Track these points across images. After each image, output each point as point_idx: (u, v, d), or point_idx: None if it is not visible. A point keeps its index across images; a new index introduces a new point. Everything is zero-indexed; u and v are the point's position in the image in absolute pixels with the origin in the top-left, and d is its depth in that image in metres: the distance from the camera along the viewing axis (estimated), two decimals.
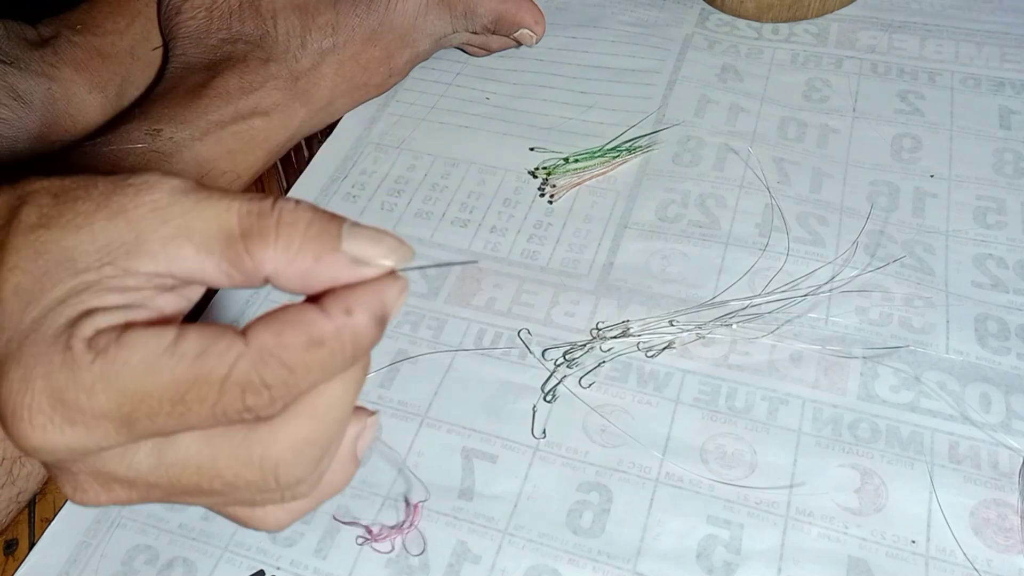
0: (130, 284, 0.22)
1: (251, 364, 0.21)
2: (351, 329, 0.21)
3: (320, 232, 0.22)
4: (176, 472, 0.22)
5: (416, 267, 0.23)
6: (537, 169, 0.50)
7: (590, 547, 0.35)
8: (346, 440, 0.25)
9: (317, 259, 0.21)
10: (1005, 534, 0.35)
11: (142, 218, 0.22)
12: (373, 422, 0.26)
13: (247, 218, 0.22)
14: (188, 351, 0.21)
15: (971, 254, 0.44)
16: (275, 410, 0.21)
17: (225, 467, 0.22)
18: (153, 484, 0.23)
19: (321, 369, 0.21)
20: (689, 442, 0.38)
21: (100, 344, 0.21)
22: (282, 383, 0.21)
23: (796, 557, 0.34)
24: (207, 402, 0.21)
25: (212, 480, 0.22)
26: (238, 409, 0.21)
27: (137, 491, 0.23)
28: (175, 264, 0.22)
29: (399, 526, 0.35)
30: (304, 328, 0.21)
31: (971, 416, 0.38)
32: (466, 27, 0.53)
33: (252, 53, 0.48)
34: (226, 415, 0.21)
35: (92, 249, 0.22)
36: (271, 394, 0.21)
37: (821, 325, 0.42)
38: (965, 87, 0.53)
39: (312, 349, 0.21)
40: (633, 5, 0.61)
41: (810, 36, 0.57)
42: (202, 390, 0.21)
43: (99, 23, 0.51)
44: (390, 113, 0.55)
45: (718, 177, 0.49)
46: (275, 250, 0.21)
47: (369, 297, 0.22)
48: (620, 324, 0.42)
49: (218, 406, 0.21)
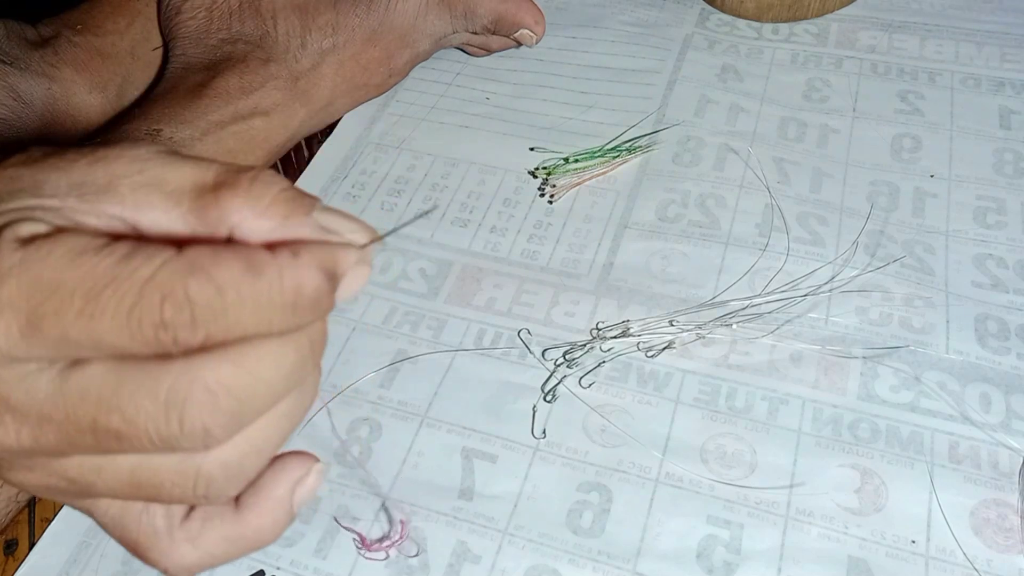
0: (90, 222, 0.21)
1: (177, 271, 0.19)
2: (294, 272, 0.20)
3: (293, 197, 0.21)
4: (74, 400, 0.20)
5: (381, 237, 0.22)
6: (537, 169, 0.50)
7: (590, 547, 0.35)
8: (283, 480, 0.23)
9: (285, 218, 0.21)
10: (1005, 534, 0.35)
11: (120, 165, 0.21)
12: (319, 470, 0.24)
13: (224, 173, 0.21)
14: (116, 250, 0.20)
15: (971, 254, 0.44)
16: (195, 337, 0.20)
17: (127, 398, 0.20)
18: (47, 416, 0.21)
19: (254, 307, 0.20)
20: (689, 442, 0.38)
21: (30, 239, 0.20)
22: (207, 304, 0.19)
23: (796, 557, 0.34)
24: (123, 305, 0.19)
25: (110, 414, 0.20)
26: (154, 322, 0.19)
27: (28, 426, 0.21)
28: (141, 211, 0.21)
29: (388, 540, 0.35)
30: (245, 255, 0.20)
31: (971, 416, 0.38)
32: (466, 27, 0.53)
33: (252, 53, 0.48)
34: (140, 328, 0.19)
35: (63, 183, 0.21)
36: (193, 313, 0.19)
37: (821, 325, 0.42)
38: (965, 87, 0.53)
39: (247, 277, 0.20)
40: (633, 5, 0.61)
41: (810, 36, 0.57)
42: (120, 288, 0.19)
43: (99, 23, 0.51)
44: (390, 113, 0.55)
45: (718, 177, 0.49)
46: (245, 200, 0.21)
47: (322, 250, 0.21)
48: (620, 324, 0.42)
49: (133, 313, 0.19)
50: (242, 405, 0.21)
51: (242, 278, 0.20)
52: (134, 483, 0.22)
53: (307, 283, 0.20)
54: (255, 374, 0.21)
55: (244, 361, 0.20)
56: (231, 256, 0.20)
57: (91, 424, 0.20)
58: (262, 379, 0.21)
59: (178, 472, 0.22)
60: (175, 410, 0.20)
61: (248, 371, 0.20)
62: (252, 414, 0.21)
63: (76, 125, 0.49)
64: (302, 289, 0.20)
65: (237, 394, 0.20)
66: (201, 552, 0.23)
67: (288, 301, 0.20)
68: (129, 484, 0.22)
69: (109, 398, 0.20)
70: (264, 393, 0.21)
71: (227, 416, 0.20)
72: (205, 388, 0.20)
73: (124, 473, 0.22)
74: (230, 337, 0.20)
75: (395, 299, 0.44)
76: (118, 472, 0.22)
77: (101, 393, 0.20)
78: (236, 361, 0.20)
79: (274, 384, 0.21)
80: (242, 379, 0.20)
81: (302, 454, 0.24)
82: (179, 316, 0.19)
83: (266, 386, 0.21)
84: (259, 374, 0.21)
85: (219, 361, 0.20)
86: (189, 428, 0.20)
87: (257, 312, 0.20)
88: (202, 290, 0.19)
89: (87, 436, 0.21)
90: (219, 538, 0.23)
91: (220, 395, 0.20)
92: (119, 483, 0.22)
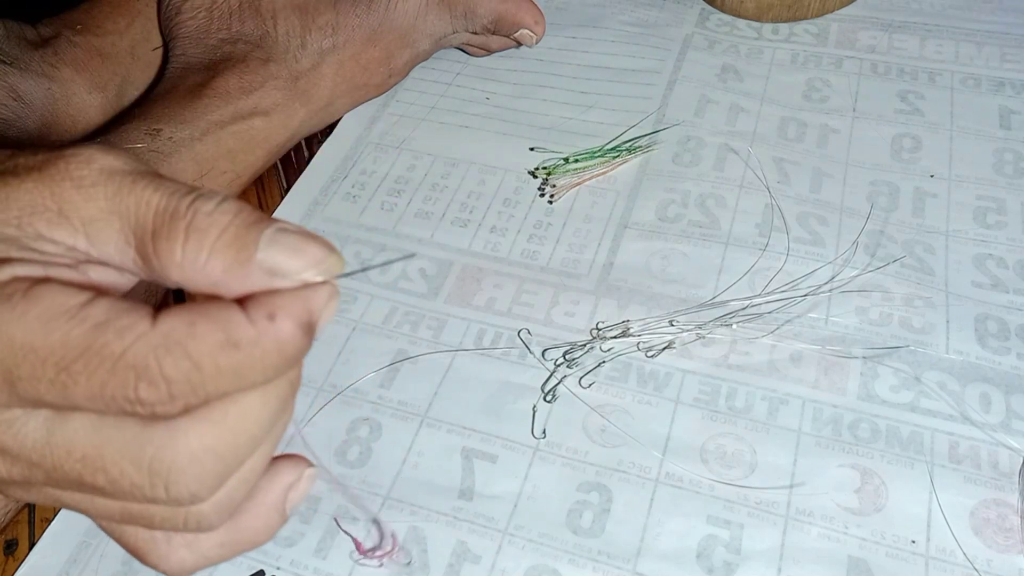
0: (49, 249, 0.20)
1: (151, 348, 0.19)
2: (274, 337, 0.19)
3: (234, 239, 0.20)
4: (60, 455, 0.20)
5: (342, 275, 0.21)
6: (537, 169, 0.50)
7: (590, 547, 0.35)
8: (276, 487, 0.23)
9: (225, 271, 0.20)
10: (1005, 534, 0.35)
11: (65, 191, 0.21)
12: (311, 475, 0.24)
13: (160, 216, 0.20)
14: (89, 317, 0.19)
15: (971, 254, 0.44)
16: (174, 409, 0.19)
17: (111, 462, 0.20)
18: (36, 463, 0.20)
19: (234, 375, 0.19)
20: (689, 442, 0.38)
21: (7, 291, 0.19)
22: (185, 379, 0.19)
23: (796, 557, 0.34)
24: (94, 380, 0.19)
25: (95, 474, 0.20)
26: (129, 398, 0.19)
27: (18, 467, 0.21)
28: (95, 246, 0.21)
29: (381, 550, 0.35)
30: (222, 325, 0.19)
31: (971, 416, 0.38)
32: (466, 27, 0.53)
33: (252, 53, 0.48)
34: (115, 401, 0.19)
35: (15, 206, 0.21)
36: (170, 389, 0.19)
37: (821, 325, 0.42)
38: (965, 87, 0.53)
39: (226, 350, 0.19)
40: (633, 5, 0.61)
41: (810, 36, 0.57)
42: (91, 364, 0.19)
43: (99, 23, 0.51)
44: (390, 113, 0.55)
45: (718, 177, 0.49)
46: (182, 256, 0.20)
47: (295, 303, 0.20)
48: (620, 324, 0.42)
49: (107, 388, 0.19)
50: (228, 464, 0.20)
51: (220, 351, 0.19)
52: (126, 516, 0.22)
53: (288, 343, 0.20)
54: (239, 430, 0.20)
55: (227, 420, 0.20)
56: (208, 328, 0.19)
57: (77, 479, 0.20)
58: (246, 433, 0.21)
59: (168, 514, 0.22)
60: (160, 479, 0.20)
61: (232, 429, 0.20)
62: (238, 465, 0.21)
63: (76, 125, 0.49)
64: (284, 350, 0.20)
65: (223, 454, 0.20)
66: (197, 556, 0.23)
67: (270, 366, 0.20)
68: (121, 516, 0.22)
69: (93, 459, 0.20)
70: (249, 444, 0.21)
71: (213, 478, 0.20)
72: (190, 456, 0.20)
73: (115, 508, 0.22)
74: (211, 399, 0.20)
75: (395, 299, 0.44)
76: (109, 507, 0.22)
77: (85, 453, 0.20)
78: (219, 422, 0.20)
79: (258, 434, 0.21)
80: (227, 439, 0.20)
81: (294, 458, 0.24)
82: (155, 393, 0.19)
83: (250, 438, 0.21)
84: (243, 429, 0.20)
85: (202, 424, 0.20)
86: (175, 494, 0.20)
87: (237, 378, 0.20)
88: (179, 367, 0.19)
89: (75, 486, 0.21)
90: (214, 543, 0.23)
91: (206, 460, 0.20)
92: (112, 514, 0.22)
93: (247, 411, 0.20)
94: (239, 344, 0.19)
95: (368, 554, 0.35)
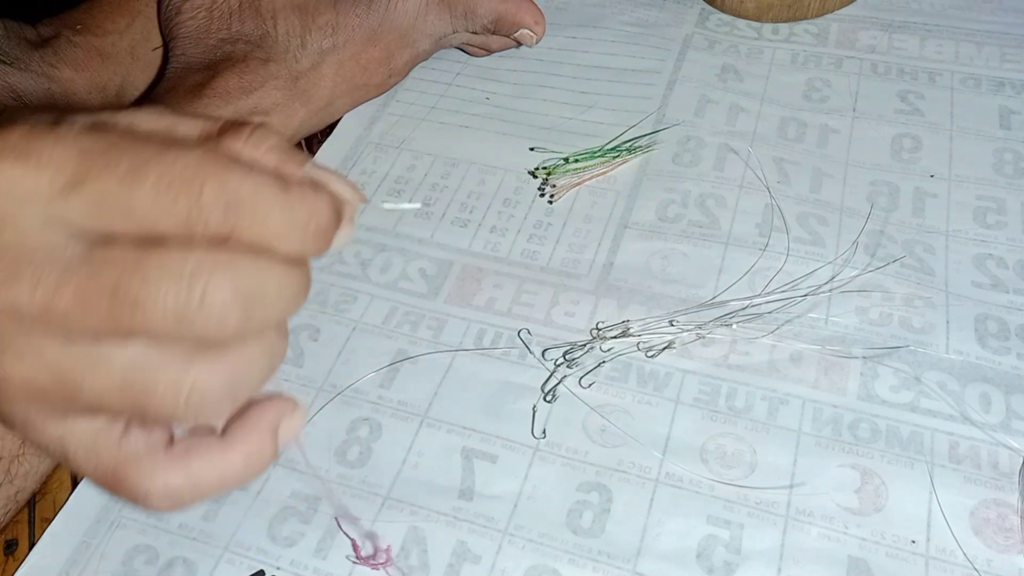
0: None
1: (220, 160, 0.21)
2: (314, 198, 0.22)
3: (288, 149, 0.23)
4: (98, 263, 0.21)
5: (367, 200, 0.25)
6: (537, 169, 0.50)
7: (590, 547, 0.35)
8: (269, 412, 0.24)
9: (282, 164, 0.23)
10: (1005, 534, 0.35)
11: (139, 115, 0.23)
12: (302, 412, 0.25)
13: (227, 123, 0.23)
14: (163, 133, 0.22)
15: (971, 254, 0.44)
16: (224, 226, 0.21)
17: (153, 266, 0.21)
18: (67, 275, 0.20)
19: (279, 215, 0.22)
20: (689, 442, 0.38)
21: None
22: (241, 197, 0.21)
23: (796, 557, 0.34)
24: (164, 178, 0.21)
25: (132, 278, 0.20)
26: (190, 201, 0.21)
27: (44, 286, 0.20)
28: None
29: (375, 560, 0.35)
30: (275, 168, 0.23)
31: (971, 416, 0.38)
32: (466, 27, 0.53)
33: (252, 53, 0.48)
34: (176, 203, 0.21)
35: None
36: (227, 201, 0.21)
37: (821, 325, 0.42)
38: (965, 87, 0.53)
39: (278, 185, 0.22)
40: (633, 5, 0.61)
41: (810, 36, 0.57)
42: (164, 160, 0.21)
43: (99, 23, 0.51)
44: (390, 113, 0.55)
45: (718, 177, 0.49)
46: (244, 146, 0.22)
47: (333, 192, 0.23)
48: (620, 324, 0.42)
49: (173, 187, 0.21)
50: (254, 305, 0.21)
51: (274, 184, 0.21)
52: (125, 385, 0.21)
53: (322, 211, 0.22)
54: (267, 278, 0.22)
55: (259, 264, 0.21)
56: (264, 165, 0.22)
57: (111, 288, 0.20)
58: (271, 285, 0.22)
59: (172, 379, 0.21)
60: (199, 283, 0.20)
61: (262, 272, 0.21)
62: (257, 321, 0.22)
63: None
64: (318, 215, 0.22)
65: (252, 289, 0.21)
66: (185, 476, 0.23)
67: (304, 222, 0.22)
68: (120, 387, 0.21)
69: (134, 264, 0.20)
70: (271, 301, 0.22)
71: (241, 307, 0.21)
72: (229, 270, 0.21)
73: (117, 372, 0.21)
74: (250, 239, 0.21)
75: (395, 299, 0.44)
76: (111, 371, 0.21)
77: (126, 260, 0.20)
78: (253, 261, 0.21)
79: (277, 300, 0.22)
80: (256, 278, 0.21)
81: (284, 396, 0.25)
82: (216, 199, 0.20)
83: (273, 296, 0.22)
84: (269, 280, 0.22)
85: (240, 255, 0.21)
86: (209, 303, 0.20)
87: (279, 222, 0.21)
88: (242, 183, 0.21)
89: (103, 303, 0.20)
90: (205, 463, 0.23)
91: (240, 282, 0.21)
92: (109, 384, 0.21)
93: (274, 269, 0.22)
94: (289, 187, 0.22)
95: (363, 561, 0.35)
